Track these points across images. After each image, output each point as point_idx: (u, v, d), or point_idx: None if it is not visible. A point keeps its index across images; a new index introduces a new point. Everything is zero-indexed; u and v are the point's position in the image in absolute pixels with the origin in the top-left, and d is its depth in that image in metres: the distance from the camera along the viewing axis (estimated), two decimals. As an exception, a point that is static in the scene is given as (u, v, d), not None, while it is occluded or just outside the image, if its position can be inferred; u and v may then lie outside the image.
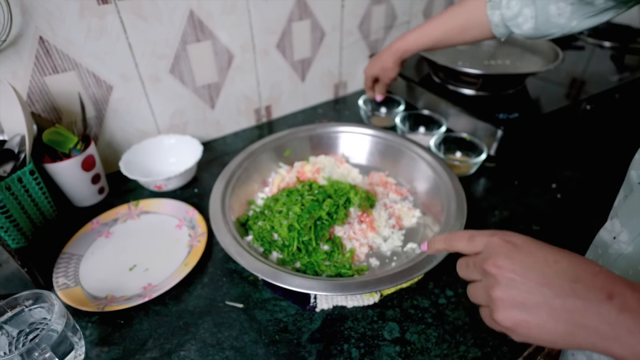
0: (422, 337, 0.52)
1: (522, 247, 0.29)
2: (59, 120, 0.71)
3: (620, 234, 0.42)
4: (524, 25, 0.62)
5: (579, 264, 0.27)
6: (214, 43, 0.82)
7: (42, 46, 0.64)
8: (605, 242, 0.44)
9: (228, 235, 0.58)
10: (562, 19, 0.59)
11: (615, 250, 0.42)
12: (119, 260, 0.63)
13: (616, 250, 0.42)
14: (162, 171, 0.80)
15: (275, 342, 0.51)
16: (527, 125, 0.80)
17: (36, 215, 0.65)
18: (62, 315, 0.45)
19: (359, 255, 0.62)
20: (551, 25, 0.60)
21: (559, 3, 0.58)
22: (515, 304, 0.27)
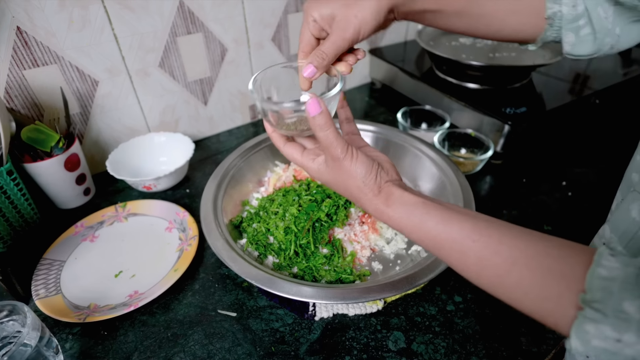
0: (430, 348, 0.48)
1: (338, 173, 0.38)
2: (40, 117, 0.67)
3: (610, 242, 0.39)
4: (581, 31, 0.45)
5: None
6: (206, 36, 0.78)
7: (20, 37, 0.60)
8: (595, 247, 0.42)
9: (220, 239, 0.54)
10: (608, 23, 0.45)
11: None
12: (104, 266, 0.59)
13: None
14: (152, 171, 0.76)
15: (271, 355, 0.47)
16: (535, 119, 0.77)
17: (15, 218, 0.61)
18: (35, 329, 0.41)
19: (361, 259, 0.58)
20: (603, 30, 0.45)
21: (603, 4, 0.44)
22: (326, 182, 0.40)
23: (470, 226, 0.32)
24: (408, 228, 0.35)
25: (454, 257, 0.33)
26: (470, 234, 0.31)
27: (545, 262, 0.27)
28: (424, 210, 0.34)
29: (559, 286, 0.26)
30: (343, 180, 0.38)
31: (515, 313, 0.51)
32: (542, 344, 0.48)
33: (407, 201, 0.35)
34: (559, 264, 0.27)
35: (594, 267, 0.25)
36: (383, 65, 1.03)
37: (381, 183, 0.37)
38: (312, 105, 0.35)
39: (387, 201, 0.36)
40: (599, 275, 0.25)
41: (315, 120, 0.36)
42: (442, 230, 0.33)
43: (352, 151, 0.37)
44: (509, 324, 0.50)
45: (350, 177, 0.37)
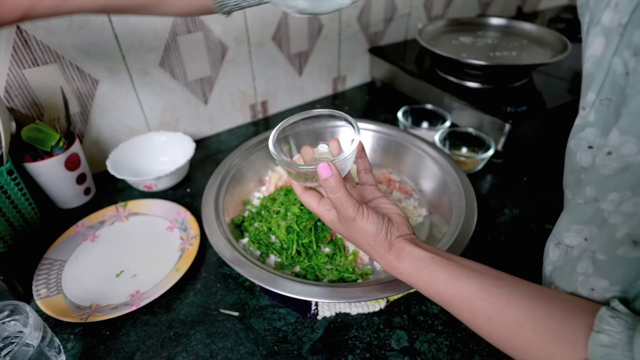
0: (433, 347, 0.48)
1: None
2: (40, 116, 0.67)
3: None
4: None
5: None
6: (206, 35, 0.78)
7: (20, 36, 0.59)
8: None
9: (222, 238, 0.54)
10: None
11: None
12: (105, 266, 0.59)
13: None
14: (152, 170, 0.76)
15: (273, 354, 0.47)
16: (535, 118, 0.77)
17: (16, 218, 0.61)
18: (37, 329, 0.41)
19: (363, 258, 0.58)
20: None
21: None
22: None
23: (478, 285, 0.33)
24: (419, 284, 0.37)
25: (465, 316, 0.34)
26: (478, 293, 0.32)
27: (551, 325, 0.29)
28: (433, 267, 0.36)
29: (564, 352, 0.27)
30: (355, 237, 0.40)
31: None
32: (544, 342, 0.48)
33: (417, 257, 0.37)
34: (564, 328, 0.28)
35: (595, 334, 0.26)
36: (383, 64, 1.03)
37: (392, 239, 0.39)
38: (323, 169, 0.38)
39: (398, 257, 0.38)
40: (600, 343, 0.26)
41: (327, 182, 0.38)
42: (450, 288, 0.34)
43: (362, 211, 0.39)
44: (511, 322, 0.50)
45: (362, 235, 0.39)
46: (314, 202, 0.44)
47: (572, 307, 0.29)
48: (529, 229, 0.64)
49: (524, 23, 1.01)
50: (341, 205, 0.38)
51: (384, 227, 0.39)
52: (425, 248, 0.37)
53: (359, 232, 0.39)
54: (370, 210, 0.39)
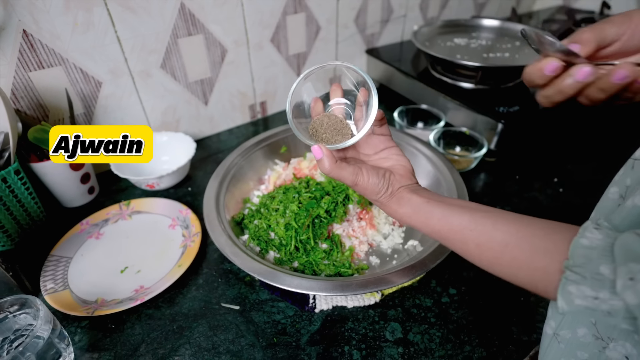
0: (426, 338, 0.50)
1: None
2: (45, 117, 0.69)
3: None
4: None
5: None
6: (206, 37, 0.79)
7: (26, 40, 0.61)
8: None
9: (223, 235, 0.56)
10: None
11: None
12: (110, 262, 0.60)
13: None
14: (154, 170, 0.78)
15: (273, 345, 0.49)
16: (527, 118, 0.79)
17: (23, 216, 0.63)
18: (48, 321, 0.43)
19: (359, 254, 0.60)
20: None
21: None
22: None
23: (467, 218, 0.37)
24: (417, 225, 0.41)
25: (458, 246, 0.39)
26: (468, 224, 0.37)
27: (533, 241, 0.32)
28: (428, 208, 0.40)
29: (545, 259, 0.31)
30: (363, 194, 0.44)
31: (507, 304, 0.54)
32: (532, 333, 0.50)
33: (414, 202, 0.41)
34: (545, 242, 0.32)
35: (578, 237, 0.29)
36: (380, 65, 1.05)
37: (394, 190, 0.43)
38: (315, 151, 0.42)
39: (398, 204, 0.42)
40: (581, 245, 0.28)
41: (320, 163, 0.42)
42: (444, 224, 0.39)
43: (361, 175, 0.42)
44: (501, 314, 0.52)
45: (367, 194, 0.44)
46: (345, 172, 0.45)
47: (554, 226, 0.33)
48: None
49: (518, 24, 1.04)
50: (339, 178, 0.42)
51: (385, 182, 0.43)
52: (422, 195, 0.42)
53: (364, 192, 0.43)
54: (370, 170, 0.43)
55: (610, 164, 0.84)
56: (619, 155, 0.80)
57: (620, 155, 0.64)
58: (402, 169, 0.45)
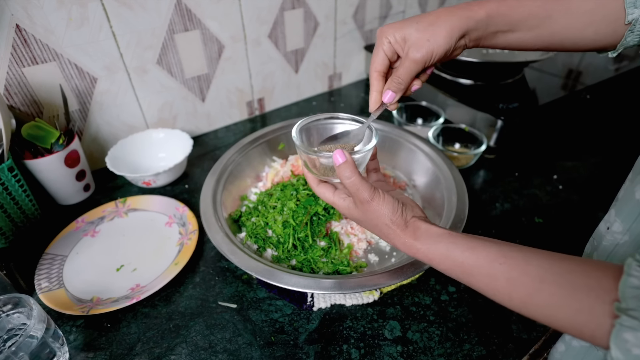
0: (425, 336, 0.49)
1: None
2: (39, 114, 0.68)
3: (613, 224, 0.41)
4: None
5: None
6: (203, 33, 0.79)
7: (19, 35, 0.60)
8: (600, 233, 0.44)
9: (220, 233, 0.55)
10: None
11: (609, 242, 0.41)
12: (106, 261, 0.60)
13: (610, 241, 0.41)
14: (151, 167, 0.77)
15: (270, 344, 0.49)
16: (527, 115, 0.78)
17: (17, 214, 0.62)
18: (41, 320, 0.42)
19: (357, 251, 0.60)
20: None
21: None
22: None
23: (495, 250, 0.33)
24: (436, 258, 0.37)
25: (484, 282, 0.34)
26: (496, 257, 0.33)
27: (571, 277, 0.28)
28: (450, 239, 0.36)
29: (589, 298, 0.27)
30: (372, 220, 0.41)
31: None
32: (532, 331, 0.50)
33: (433, 233, 0.38)
34: (585, 279, 0.28)
35: (626, 277, 0.26)
36: (378, 61, 1.04)
37: (407, 219, 0.40)
38: (337, 155, 0.39)
39: (414, 234, 0.39)
40: (631, 285, 0.25)
41: (341, 168, 0.39)
42: (468, 256, 0.35)
43: (378, 193, 0.40)
44: (500, 312, 0.52)
45: (379, 217, 0.40)
46: (329, 193, 0.45)
47: (591, 262, 0.30)
48: (519, 222, 0.66)
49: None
50: (357, 189, 0.39)
51: (399, 207, 0.40)
52: (439, 227, 0.39)
53: (376, 214, 0.40)
54: (385, 193, 0.40)
55: (610, 161, 0.84)
56: (618, 152, 0.81)
57: (620, 152, 0.63)
58: (410, 201, 0.42)
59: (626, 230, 0.39)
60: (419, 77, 0.46)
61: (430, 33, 0.42)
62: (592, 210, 0.68)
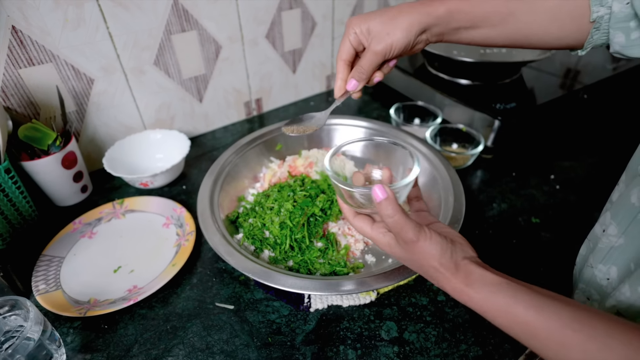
0: (421, 336, 0.50)
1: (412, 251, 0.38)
2: (36, 115, 0.68)
3: (609, 227, 0.41)
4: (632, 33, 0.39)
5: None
6: (200, 33, 0.78)
7: (15, 36, 0.60)
8: (596, 235, 0.44)
9: (217, 234, 0.55)
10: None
11: (605, 244, 0.41)
12: (103, 262, 0.60)
13: (606, 243, 0.41)
14: (148, 168, 0.77)
15: (268, 345, 0.49)
16: (524, 115, 0.78)
17: (14, 216, 0.62)
18: (38, 323, 0.42)
19: (354, 252, 0.60)
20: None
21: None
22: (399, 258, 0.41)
23: (568, 314, 0.29)
24: (492, 311, 0.33)
25: (552, 349, 0.30)
26: (569, 322, 0.29)
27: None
28: (511, 292, 0.32)
29: None
30: (417, 260, 0.38)
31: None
32: (528, 332, 0.50)
33: (489, 281, 0.33)
34: None
35: None
36: (376, 61, 1.04)
37: (458, 260, 0.36)
38: (377, 191, 0.36)
39: (466, 280, 0.35)
40: None
41: (381, 206, 0.36)
42: (533, 316, 0.30)
43: (424, 232, 0.36)
44: (497, 312, 0.52)
45: (425, 258, 0.36)
46: (367, 227, 0.42)
47: None
48: (516, 223, 0.66)
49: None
50: (401, 228, 0.36)
51: (448, 247, 0.36)
52: (496, 272, 0.34)
53: (422, 255, 0.36)
54: (432, 231, 0.36)
55: (607, 161, 0.84)
56: (616, 152, 0.81)
57: (617, 152, 0.63)
58: (459, 238, 0.38)
59: (621, 234, 0.39)
60: (381, 68, 0.48)
61: (390, 27, 0.44)
62: (589, 210, 0.68)
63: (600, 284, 0.42)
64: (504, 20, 0.44)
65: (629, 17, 0.39)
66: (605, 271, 0.41)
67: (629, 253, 0.38)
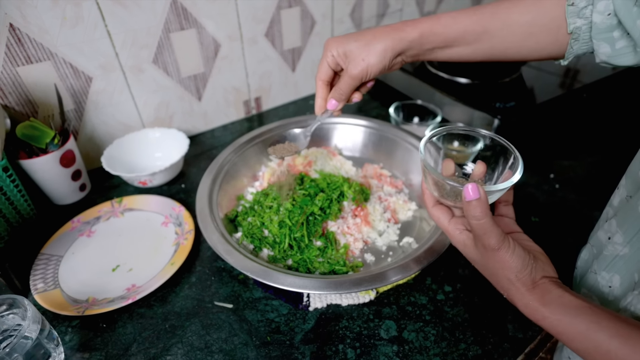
0: (420, 335, 0.49)
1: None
2: (34, 113, 0.67)
3: (615, 235, 0.40)
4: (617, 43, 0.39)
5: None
6: (199, 32, 0.78)
7: (13, 34, 0.60)
8: (600, 242, 0.43)
9: (216, 233, 0.55)
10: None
11: (610, 252, 0.41)
12: (102, 261, 0.60)
13: (611, 251, 0.41)
14: (147, 166, 0.77)
15: (266, 344, 0.49)
16: (524, 114, 0.78)
17: (12, 214, 0.61)
18: (36, 321, 0.42)
19: (354, 251, 0.59)
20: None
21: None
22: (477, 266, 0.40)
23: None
24: (569, 334, 0.32)
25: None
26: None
27: None
28: (593, 318, 0.31)
29: None
30: (492, 268, 0.37)
31: (503, 301, 0.53)
32: (528, 331, 0.50)
33: (568, 303, 0.32)
34: None
35: None
36: (376, 60, 1.03)
37: (536, 278, 0.35)
38: (470, 190, 0.34)
39: (542, 299, 0.34)
40: None
41: (471, 206, 0.34)
42: (618, 346, 0.29)
43: (508, 242, 0.35)
44: (496, 311, 0.52)
45: (503, 269, 0.35)
46: (445, 219, 0.41)
47: None
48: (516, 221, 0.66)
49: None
50: (484, 233, 0.34)
51: (530, 263, 0.35)
52: (576, 295, 0.33)
53: (500, 264, 0.35)
54: (516, 244, 0.35)
55: (607, 161, 0.84)
56: (615, 151, 0.80)
57: (617, 151, 0.63)
58: (542, 256, 0.37)
59: (627, 243, 0.39)
60: (360, 89, 0.52)
61: (365, 52, 0.46)
62: (589, 209, 0.68)
63: (602, 291, 0.42)
64: (479, 38, 0.45)
65: (611, 27, 0.39)
66: (608, 279, 0.41)
67: (633, 263, 0.38)
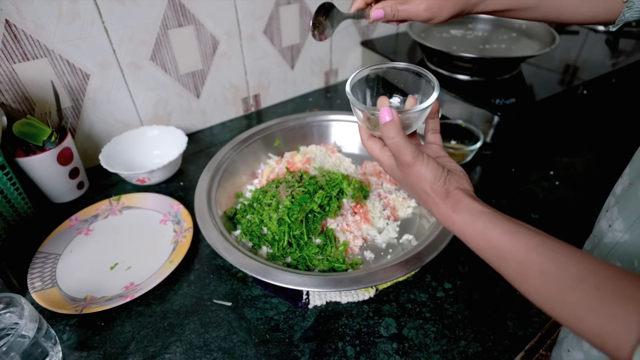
0: (420, 333, 0.49)
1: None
2: (31, 111, 0.67)
3: (615, 222, 0.40)
4: None
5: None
6: (197, 28, 0.78)
7: (9, 30, 0.59)
8: (602, 230, 0.44)
9: (214, 230, 0.54)
10: None
11: (610, 239, 0.41)
12: (100, 259, 0.59)
13: (611, 239, 0.41)
14: (145, 164, 0.76)
15: (266, 342, 0.49)
16: (524, 110, 0.78)
17: (9, 212, 0.61)
18: (33, 320, 0.42)
19: (353, 248, 0.59)
20: None
21: None
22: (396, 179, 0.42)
23: (537, 241, 0.31)
24: (470, 234, 0.35)
25: (514, 269, 0.32)
26: (536, 247, 0.30)
27: (614, 284, 0.26)
28: (491, 219, 0.34)
29: (627, 307, 0.25)
30: (412, 183, 0.39)
31: (503, 299, 0.53)
32: (528, 328, 0.50)
33: (474, 209, 0.35)
34: (628, 289, 0.26)
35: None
36: (375, 57, 1.03)
37: (450, 188, 0.37)
38: (383, 112, 0.37)
39: (454, 207, 0.36)
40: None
41: (385, 127, 0.37)
42: (506, 240, 0.32)
43: (422, 157, 0.37)
44: (496, 309, 0.52)
45: (419, 182, 0.38)
46: (376, 148, 0.43)
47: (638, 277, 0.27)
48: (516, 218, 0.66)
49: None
50: (399, 151, 0.37)
51: (443, 175, 0.37)
52: (483, 204, 0.36)
53: (417, 178, 0.38)
54: (430, 158, 0.38)
55: (607, 157, 0.84)
56: (615, 147, 0.80)
57: (617, 148, 0.63)
58: (460, 172, 0.40)
59: (627, 229, 0.39)
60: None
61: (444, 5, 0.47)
62: (589, 206, 0.68)
63: None
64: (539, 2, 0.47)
65: None
66: None
67: (633, 250, 0.38)
